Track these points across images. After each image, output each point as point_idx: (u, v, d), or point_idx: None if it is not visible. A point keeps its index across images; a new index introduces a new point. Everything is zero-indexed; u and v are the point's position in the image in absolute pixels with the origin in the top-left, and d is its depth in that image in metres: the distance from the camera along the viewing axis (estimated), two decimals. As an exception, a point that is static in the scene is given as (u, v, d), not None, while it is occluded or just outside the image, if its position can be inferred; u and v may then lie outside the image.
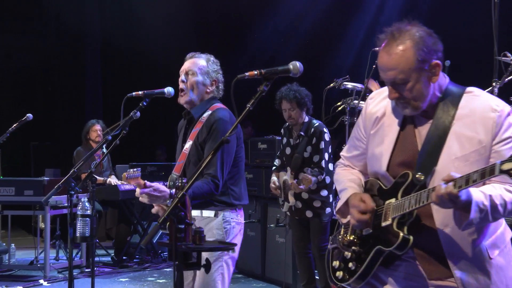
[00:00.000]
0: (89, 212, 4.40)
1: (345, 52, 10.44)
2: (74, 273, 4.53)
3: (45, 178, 7.52)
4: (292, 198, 5.75)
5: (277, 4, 11.17)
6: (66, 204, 4.23)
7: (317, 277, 6.03)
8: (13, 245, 8.04)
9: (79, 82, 12.12)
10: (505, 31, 5.75)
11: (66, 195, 4.33)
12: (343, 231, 2.93)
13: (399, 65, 2.60)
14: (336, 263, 2.91)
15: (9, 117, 9.48)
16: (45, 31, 12.39)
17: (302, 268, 5.99)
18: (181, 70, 3.89)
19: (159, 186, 3.47)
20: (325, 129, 5.76)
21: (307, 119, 5.80)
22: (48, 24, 12.27)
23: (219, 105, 3.88)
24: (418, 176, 2.62)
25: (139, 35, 11.86)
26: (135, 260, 8.60)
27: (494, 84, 5.32)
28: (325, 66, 10.35)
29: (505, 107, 2.64)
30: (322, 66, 10.26)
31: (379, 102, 2.87)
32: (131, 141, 8.23)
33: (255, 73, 2.71)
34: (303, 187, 5.57)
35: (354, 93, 6.46)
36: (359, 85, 6.44)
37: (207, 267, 2.81)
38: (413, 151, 2.70)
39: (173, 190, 3.45)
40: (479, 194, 2.48)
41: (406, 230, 2.62)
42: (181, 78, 3.86)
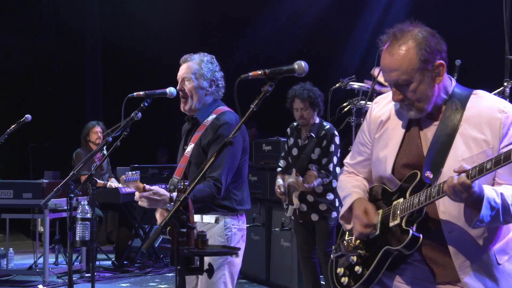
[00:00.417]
0: (89, 215, 4.40)
1: (351, 52, 10.43)
2: (73, 278, 4.54)
3: (44, 181, 7.53)
4: (296, 200, 5.72)
5: (281, 3, 11.17)
6: (66, 207, 4.23)
7: (322, 282, 6.03)
8: (11, 250, 8.03)
9: (79, 82, 12.12)
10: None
11: (65, 198, 4.33)
12: (348, 236, 2.93)
13: (401, 66, 2.61)
14: (340, 270, 2.91)
15: (7, 118, 9.51)
16: (45, 30, 12.40)
17: (307, 273, 5.98)
18: (177, 77, 3.89)
19: (158, 189, 3.47)
20: (336, 132, 5.75)
21: (318, 120, 5.78)
22: (47, 23, 12.29)
23: (223, 108, 3.87)
24: (427, 174, 2.63)
25: (140, 34, 11.87)
26: (136, 265, 8.59)
27: (505, 84, 5.31)
28: (330, 66, 10.34)
29: None
30: (327, 66, 10.25)
31: (384, 106, 2.89)
32: (132, 142, 8.25)
33: (259, 73, 2.71)
34: (307, 186, 5.53)
35: (360, 93, 6.45)
36: (365, 85, 6.44)
37: (210, 272, 2.82)
38: (418, 153, 2.71)
39: (174, 193, 3.46)
40: (491, 191, 2.49)
41: (415, 229, 2.62)
42: (178, 86, 3.86)
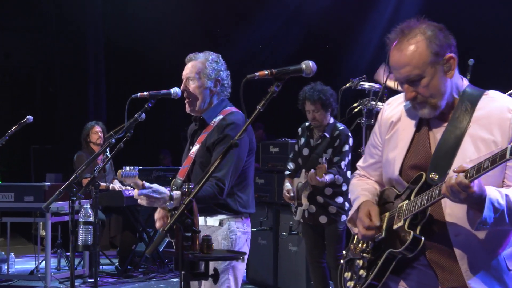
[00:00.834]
0: (91, 219, 4.42)
1: (362, 51, 10.42)
2: (76, 284, 4.55)
3: (46, 183, 7.54)
4: (305, 200, 5.72)
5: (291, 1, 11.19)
6: (68, 211, 4.25)
7: (332, 288, 6.04)
8: (12, 254, 8.07)
9: (82, 82, 12.16)
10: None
11: (67, 201, 4.35)
12: (355, 239, 2.95)
13: (412, 60, 2.61)
14: (347, 274, 2.93)
15: (8, 119, 9.56)
16: (46, 29, 12.45)
17: (316, 278, 5.98)
18: (182, 76, 3.90)
19: (158, 187, 3.49)
20: (349, 134, 5.77)
21: (332, 120, 5.79)
22: (49, 21, 12.33)
23: (231, 108, 3.88)
24: (432, 176, 2.63)
25: (143, 33, 11.90)
26: (140, 270, 8.61)
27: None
28: (340, 65, 10.33)
29: None
30: (337, 65, 10.25)
31: (395, 107, 2.90)
32: (136, 144, 8.26)
33: (266, 73, 2.71)
34: (320, 179, 5.40)
35: (371, 93, 6.44)
36: (376, 85, 6.43)
37: (215, 277, 2.82)
38: (425, 154, 2.71)
39: (174, 192, 3.47)
40: (495, 192, 2.48)
41: (418, 231, 2.62)
42: (182, 86, 3.87)
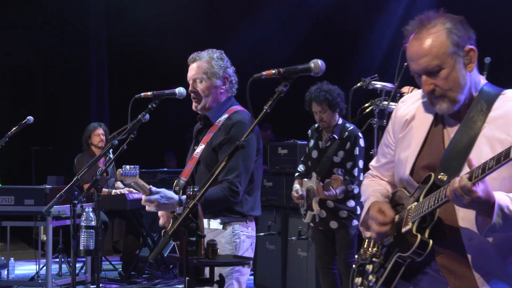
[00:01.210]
0: (93, 223, 4.41)
1: (373, 49, 10.41)
2: (77, 290, 4.56)
3: (47, 186, 7.54)
4: (316, 206, 5.71)
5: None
6: (69, 215, 4.24)
7: (342, 294, 6.02)
8: (12, 259, 8.09)
9: (84, 82, 12.19)
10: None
11: (69, 205, 4.35)
12: (366, 244, 2.94)
13: (432, 50, 2.59)
14: (358, 279, 2.91)
15: (8, 120, 9.58)
16: (48, 27, 12.49)
17: (327, 285, 5.96)
18: (188, 78, 3.90)
19: (166, 192, 3.49)
20: (360, 134, 5.75)
21: (340, 121, 5.79)
22: (50, 20, 12.38)
23: (237, 107, 3.89)
24: (440, 176, 2.60)
25: (147, 31, 11.91)
26: (144, 276, 8.62)
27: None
28: (351, 64, 10.32)
29: None
30: (348, 64, 10.24)
31: (410, 105, 2.87)
32: (139, 146, 8.25)
33: (273, 72, 2.70)
34: (328, 193, 5.48)
35: (383, 93, 6.42)
36: (389, 84, 6.40)
37: (221, 283, 2.82)
38: (438, 154, 2.68)
39: (183, 196, 3.47)
40: (504, 197, 2.45)
41: (426, 234, 2.60)
42: (190, 88, 3.87)
